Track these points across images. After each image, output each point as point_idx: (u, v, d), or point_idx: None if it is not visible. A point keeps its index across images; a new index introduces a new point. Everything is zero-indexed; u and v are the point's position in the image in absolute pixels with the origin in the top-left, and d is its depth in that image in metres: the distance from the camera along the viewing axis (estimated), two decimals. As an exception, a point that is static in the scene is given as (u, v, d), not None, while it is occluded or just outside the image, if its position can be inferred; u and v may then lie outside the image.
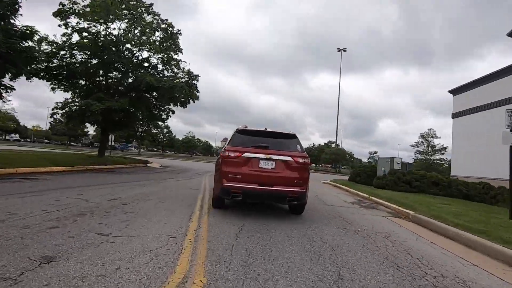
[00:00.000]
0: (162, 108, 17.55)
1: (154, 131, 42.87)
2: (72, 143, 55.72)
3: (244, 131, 5.17)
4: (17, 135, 58.60)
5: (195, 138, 64.34)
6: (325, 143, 58.83)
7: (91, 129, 38.80)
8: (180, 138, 62.40)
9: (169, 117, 18.39)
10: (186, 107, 17.15)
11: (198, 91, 17.18)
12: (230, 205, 5.45)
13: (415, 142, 46.20)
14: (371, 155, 58.44)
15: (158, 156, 41.53)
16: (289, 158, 4.69)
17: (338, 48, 37.25)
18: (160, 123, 22.52)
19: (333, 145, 49.80)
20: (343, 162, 42.10)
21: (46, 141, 59.45)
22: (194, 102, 17.14)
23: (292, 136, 5.26)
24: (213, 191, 5.39)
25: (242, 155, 4.61)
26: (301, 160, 4.76)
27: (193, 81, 16.90)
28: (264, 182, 4.54)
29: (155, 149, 59.66)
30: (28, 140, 56.88)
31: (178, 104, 16.74)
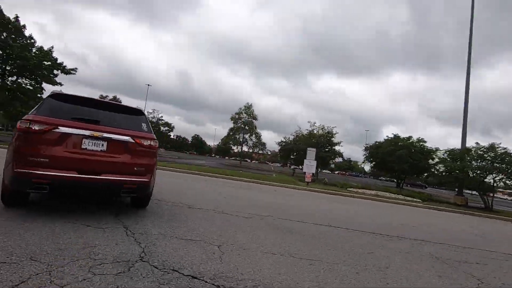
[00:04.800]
0: None
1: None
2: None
3: (64, 96, 4.12)
4: None
5: (162, 121, 46.79)
6: (389, 137, 29.65)
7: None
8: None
9: None
10: None
11: None
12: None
13: None
14: None
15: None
16: (129, 139, 4.04)
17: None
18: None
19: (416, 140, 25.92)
20: None
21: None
22: None
23: (137, 112, 4.63)
24: (2, 180, 3.93)
25: (55, 129, 3.59)
26: (146, 143, 4.19)
27: None
28: (87, 169, 3.71)
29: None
30: None
31: None
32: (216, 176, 14.19)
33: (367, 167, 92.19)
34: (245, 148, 45.16)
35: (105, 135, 3.89)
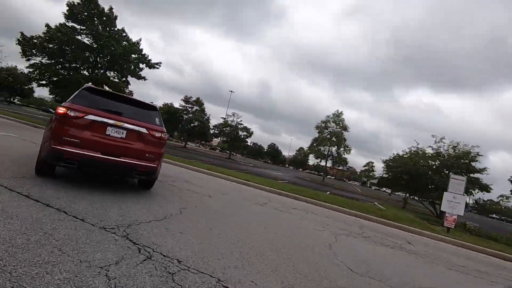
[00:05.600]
0: None
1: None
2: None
3: (95, 90, 4.95)
4: None
5: (241, 126, 40.89)
6: None
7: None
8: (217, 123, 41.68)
9: None
10: None
11: None
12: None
13: None
14: None
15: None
16: (144, 130, 4.77)
17: None
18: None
19: None
20: None
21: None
22: None
23: (152, 108, 5.32)
24: (38, 153, 4.82)
25: (86, 117, 4.36)
26: (157, 134, 4.93)
27: None
28: (109, 152, 4.45)
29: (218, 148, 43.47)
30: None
31: None
32: (304, 199, 10.21)
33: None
34: (324, 162, 39.16)
35: (126, 125, 4.61)
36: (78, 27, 17.66)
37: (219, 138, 44.13)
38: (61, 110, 4.29)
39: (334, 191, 23.96)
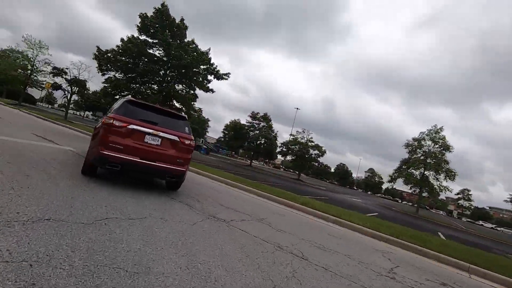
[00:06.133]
0: None
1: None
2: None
3: (134, 103, 5.49)
4: None
5: (312, 143, 37.72)
6: None
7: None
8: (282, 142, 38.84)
9: None
10: None
11: None
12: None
13: None
14: None
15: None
16: (176, 138, 5.34)
17: None
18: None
19: None
20: None
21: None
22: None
23: (183, 118, 5.93)
24: (86, 157, 5.49)
25: (128, 126, 4.91)
26: (187, 142, 5.52)
27: None
28: (146, 157, 5.00)
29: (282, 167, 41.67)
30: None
31: None
32: (436, 256, 6.59)
33: None
34: (417, 189, 32.12)
35: (161, 134, 5.19)
36: (150, 40, 17.69)
37: (285, 156, 41.37)
38: (108, 120, 4.94)
39: (445, 231, 18.68)
